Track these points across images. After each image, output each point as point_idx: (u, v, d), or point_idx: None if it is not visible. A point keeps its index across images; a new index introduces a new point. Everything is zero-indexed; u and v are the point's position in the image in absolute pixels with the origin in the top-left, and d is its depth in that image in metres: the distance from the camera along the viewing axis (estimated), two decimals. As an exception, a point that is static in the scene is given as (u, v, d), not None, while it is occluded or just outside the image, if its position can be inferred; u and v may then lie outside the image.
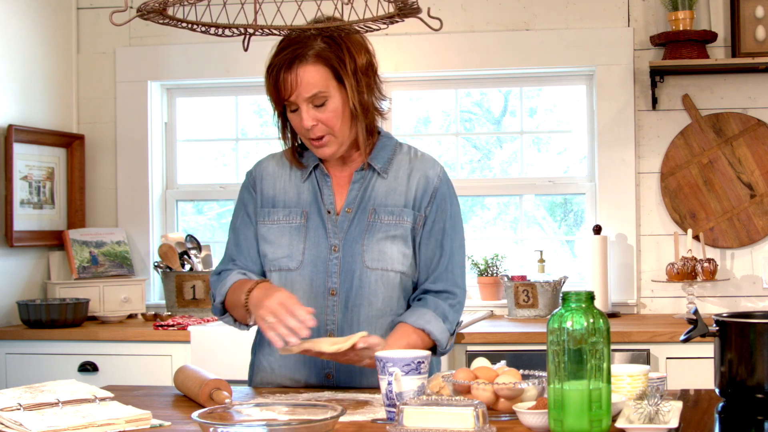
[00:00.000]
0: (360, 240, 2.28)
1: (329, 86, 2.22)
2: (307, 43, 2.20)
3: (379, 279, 2.27)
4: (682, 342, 2.09)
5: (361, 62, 2.25)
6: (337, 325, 2.28)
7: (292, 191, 2.35)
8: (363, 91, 2.25)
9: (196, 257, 4.33)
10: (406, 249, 2.29)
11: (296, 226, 2.31)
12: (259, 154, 4.68)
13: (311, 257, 2.28)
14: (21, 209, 4.17)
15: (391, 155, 2.35)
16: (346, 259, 2.27)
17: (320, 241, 2.29)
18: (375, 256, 2.27)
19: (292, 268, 2.29)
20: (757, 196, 4.11)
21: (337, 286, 2.28)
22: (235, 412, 1.83)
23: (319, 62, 2.21)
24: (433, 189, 2.32)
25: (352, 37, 2.25)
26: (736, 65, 4.02)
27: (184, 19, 2.18)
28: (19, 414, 1.89)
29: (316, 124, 2.23)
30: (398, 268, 2.28)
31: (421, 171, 2.33)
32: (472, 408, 1.74)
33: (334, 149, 2.27)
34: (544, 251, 4.26)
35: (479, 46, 4.31)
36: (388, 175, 2.33)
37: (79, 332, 3.95)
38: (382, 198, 2.31)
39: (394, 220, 2.29)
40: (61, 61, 4.49)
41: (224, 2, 2.27)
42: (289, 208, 2.33)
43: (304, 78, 2.20)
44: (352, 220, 2.29)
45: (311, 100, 2.21)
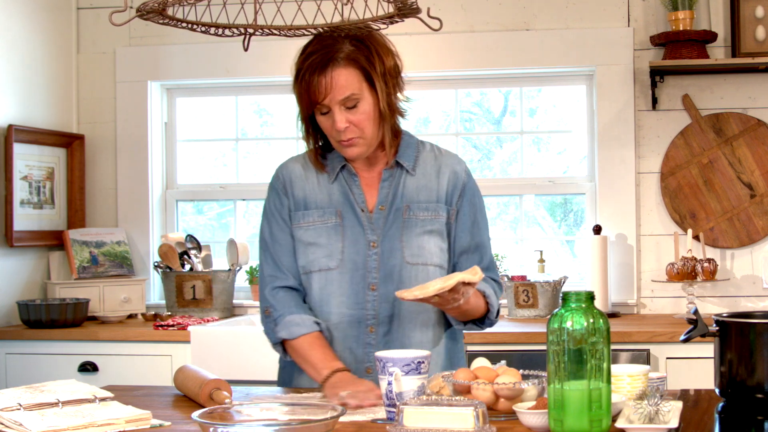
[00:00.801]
0: (398, 236, 2.32)
1: (361, 88, 2.25)
2: (336, 47, 2.24)
3: (419, 273, 2.31)
4: (682, 342, 2.09)
5: (389, 64, 2.29)
6: (378, 319, 2.31)
7: (322, 192, 2.38)
8: (391, 93, 2.29)
9: (196, 257, 4.33)
10: (443, 243, 2.35)
11: (332, 226, 2.34)
12: (259, 154, 4.68)
13: (350, 254, 2.32)
14: (21, 209, 4.17)
15: (416, 153, 2.40)
16: (385, 255, 2.31)
17: (358, 238, 2.33)
18: (415, 252, 2.32)
19: (332, 267, 2.32)
20: (757, 196, 4.11)
21: (377, 281, 2.31)
22: (235, 412, 1.83)
23: (351, 64, 2.24)
24: (462, 184, 2.39)
25: (378, 39, 2.29)
26: (736, 65, 4.02)
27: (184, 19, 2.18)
28: (19, 414, 1.89)
29: (348, 126, 2.26)
30: (437, 261, 2.34)
31: (449, 167, 2.39)
32: (472, 408, 1.74)
33: (362, 150, 2.30)
34: (544, 251, 4.26)
35: (479, 46, 4.31)
36: (416, 172, 2.37)
37: (79, 332, 3.95)
38: (414, 194, 2.36)
39: (430, 215, 2.35)
40: (61, 61, 4.49)
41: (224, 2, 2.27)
42: (322, 209, 2.36)
43: (337, 80, 2.23)
44: (387, 217, 2.34)
45: (344, 102, 2.24)
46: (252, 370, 3.61)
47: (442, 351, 2.39)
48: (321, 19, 2.23)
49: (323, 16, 2.21)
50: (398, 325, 2.31)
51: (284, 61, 2.24)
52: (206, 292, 4.22)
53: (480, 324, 2.37)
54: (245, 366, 3.64)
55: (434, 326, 2.37)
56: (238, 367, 3.65)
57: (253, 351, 3.67)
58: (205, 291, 4.22)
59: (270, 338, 2.38)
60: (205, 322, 3.97)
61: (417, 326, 2.33)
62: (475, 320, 2.36)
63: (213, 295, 4.23)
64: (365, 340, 2.32)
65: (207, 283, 4.23)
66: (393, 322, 2.31)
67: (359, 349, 2.32)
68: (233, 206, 4.66)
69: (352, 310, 2.31)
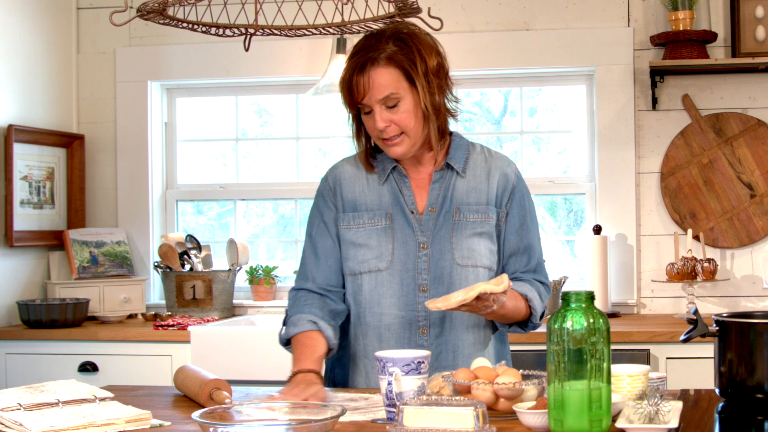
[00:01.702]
0: (448, 238, 2.33)
1: (400, 88, 2.26)
2: (379, 47, 2.26)
3: (470, 275, 2.32)
4: (682, 342, 2.09)
5: (432, 64, 2.30)
6: (429, 321, 2.32)
7: (373, 194, 2.39)
8: (434, 93, 2.30)
9: (196, 257, 4.33)
10: (492, 245, 2.36)
11: (382, 228, 2.35)
12: (259, 154, 4.69)
13: (400, 256, 2.33)
14: (21, 209, 4.17)
15: (466, 155, 2.41)
16: (435, 257, 2.32)
17: (408, 240, 2.34)
18: (465, 254, 2.32)
19: (382, 269, 2.34)
20: (757, 196, 4.11)
21: (428, 282, 2.32)
22: (235, 412, 1.83)
23: (391, 65, 2.26)
24: (512, 186, 2.40)
25: (423, 40, 2.30)
26: (736, 65, 4.02)
27: (185, 19, 2.18)
28: (19, 414, 1.89)
29: (389, 125, 2.28)
30: (486, 263, 2.34)
31: (499, 169, 2.40)
32: (472, 408, 1.74)
33: (405, 149, 2.31)
34: (544, 251, 4.25)
35: (479, 46, 4.31)
36: (466, 174, 2.38)
37: (79, 332, 3.95)
38: (464, 197, 2.36)
39: (480, 217, 2.35)
40: (61, 61, 4.49)
41: (225, 2, 2.27)
42: (372, 211, 2.37)
43: (376, 80, 2.25)
44: (437, 219, 2.34)
45: (384, 101, 2.26)
46: (252, 370, 3.61)
47: (491, 352, 2.40)
48: (321, 19, 2.23)
49: (324, 16, 2.22)
50: (450, 327, 2.33)
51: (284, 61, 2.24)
52: (206, 292, 4.22)
53: (523, 327, 2.38)
54: (245, 366, 3.65)
55: (484, 328, 2.38)
56: (238, 367, 3.65)
57: (253, 351, 3.67)
58: (205, 291, 4.22)
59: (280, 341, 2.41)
60: (205, 322, 3.97)
61: (468, 328, 2.34)
62: (519, 323, 2.37)
63: (213, 295, 4.23)
64: (417, 342, 2.32)
65: (207, 283, 4.23)
66: (445, 324, 2.33)
67: None
68: (233, 206, 4.66)
69: (403, 312, 2.33)
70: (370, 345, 2.35)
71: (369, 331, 2.35)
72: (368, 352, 2.36)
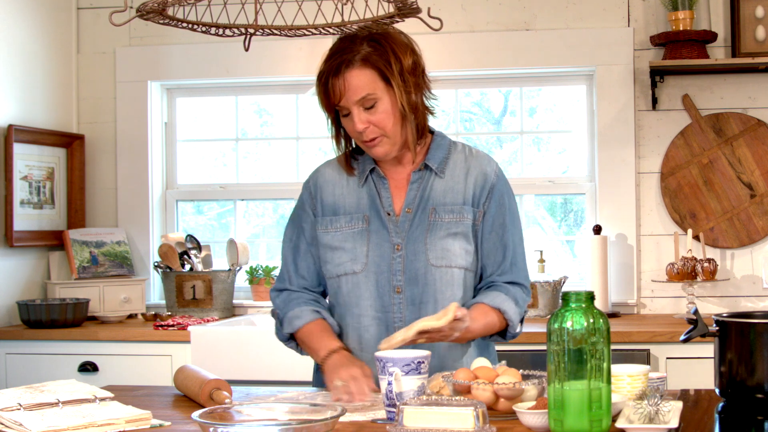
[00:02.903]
0: (423, 239, 2.32)
1: (377, 88, 2.26)
2: (353, 48, 2.26)
3: (444, 276, 2.32)
4: (682, 342, 2.09)
5: (407, 63, 2.29)
6: (405, 322, 2.32)
7: (352, 197, 2.39)
8: (411, 91, 2.29)
9: (196, 257, 4.33)
10: (468, 245, 2.34)
11: (359, 231, 2.36)
12: (259, 154, 4.68)
13: (375, 258, 2.33)
14: (21, 209, 4.17)
15: (447, 154, 2.40)
16: (409, 258, 2.32)
17: (383, 242, 2.34)
18: (439, 254, 2.31)
19: (357, 271, 2.34)
20: (757, 196, 4.11)
21: (402, 283, 2.32)
22: (235, 412, 1.83)
23: (366, 66, 2.25)
24: (490, 185, 2.37)
25: (397, 39, 2.30)
26: (736, 65, 4.02)
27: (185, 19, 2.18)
28: (19, 414, 1.89)
29: (367, 126, 2.27)
30: (461, 264, 2.33)
31: (478, 168, 2.38)
32: (472, 408, 1.74)
33: (387, 149, 2.31)
34: (544, 251, 4.26)
35: (479, 46, 4.31)
36: (445, 174, 2.37)
37: (79, 332, 3.95)
38: (441, 197, 2.35)
39: (455, 218, 2.34)
40: (61, 61, 4.49)
41: (225, 2, 2.27)
42: (350, 214, 2.38)
43: (351, 82, 2.25)
44: (412, 220, 2.34)
45: (361, 103, 2.26)
46: (252, 370, 3.61)
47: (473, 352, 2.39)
48: (321, 19, 2.23)
49: (324, 16, 2.22)
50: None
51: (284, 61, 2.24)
52: (206, 292, 4.22)
53: (502, 336, 2.38)
54: (245, 366, 3.65)
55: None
56: (238, 367, 3.65)
57: (253, 351, 3.67)
58: (205, 291, 4.22)
59: (279, 338, 2.44)
60: (205, 322, 3.97)
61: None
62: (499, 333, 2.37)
63: (213, 295, 4.23)
64: None
65: (207, 283, 4.23)
66: None
67: None
68: (233, 206, 4.66)
69: (380, 313, 2.33)
70: (350, 346, 2.36)
71: (349, 333, 2.37)
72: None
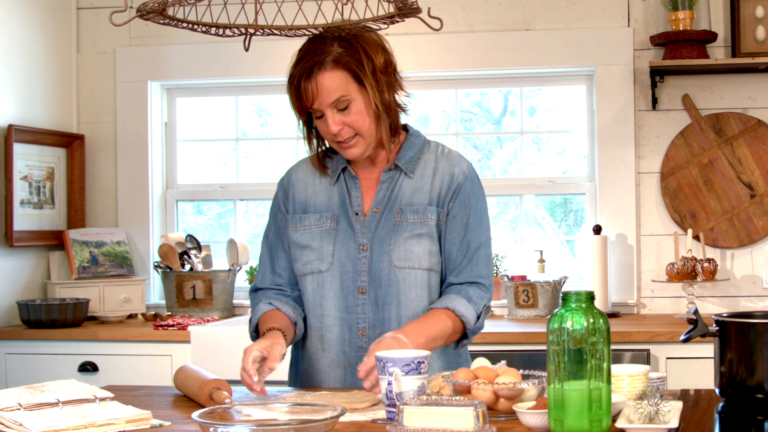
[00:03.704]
0: (387, 239, 2.31)
1: (350, 89, 2.25)
2: (324, 50, 2.24)
3: (408, 277, 2.31)
4: (682, 342, 2.09)
5: (379, 62, 2.28)
6: (369, 323, 2.32)
7: (323, 195, 2.39)
8: (383, 90, 2.28)
9: (196, 257, 4.33)
10: (433, 246, 2.33)
11: (327, 230, 2.35)
12: (259, 154, 4.69)
13: (340, 258, 2.33)
14: (21, 209, 4.17)
15: (419, 154, 2.38)
16: (374, 258, 2.31)
17: (348, 241, 2.33)
18: (402, 255, 2.30)
19: (323, 270, 2.34)
20: (757, 196, 4.11)
21: (366, 284, 2.32)
22: (235, 412, 1.83)
23: (338, 67, 2.24)
24: (456, 185, 2.35)
25: (368, 38, 2.28)
26: (736, 65, 4.02)
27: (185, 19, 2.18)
28: (19, 414, 1.89)
29: (342, 127, 2.26)
30: (425, 265, 2.32)
31: (446, 168, 2.37)
32: (472, 408, 1.74)
33: (361, 149, 2.30)
34: (544, 251, 4.26)
35: (479, 46, 4.31)
36: (414, 174, 2.36)
37: (79, 332, 3.95)
38: (409, 197, 2.34)
39: (419, 218, 2.32)
40: (61, 61, 4.49)
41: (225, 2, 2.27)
42: (320, 213, 2.37)
43: (324, 84, 2.23)
44: (379, 220, 2.33)
45: (335, 105, 2.25)
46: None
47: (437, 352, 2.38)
48: (321, 19, 2.23)
49: (324, 16, 2.21)
50: (389, 329, 2.30)
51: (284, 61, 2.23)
52: (206, 292, 4.22)
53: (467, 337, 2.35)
54: (245, 366, 3.64)
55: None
56: (238, 367, 3.64)
57: (253, 351, 3.66)
58: (205, 291, 4.22)
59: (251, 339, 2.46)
60: (205, 322, 3.97)
61: None
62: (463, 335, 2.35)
63: (213, 295, 4.23)
64: (357, 344, 2.32)
65: (207, 283, 4.23)
66: (384, 326, 2.31)
67: (352, 352, 2.33)
68: (233, 206, 4.66)
69: (344, 314, 2.33)
70: (312, 347, 2.36)
71: (312, 333, 2.37)
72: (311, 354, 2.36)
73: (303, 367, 2.42)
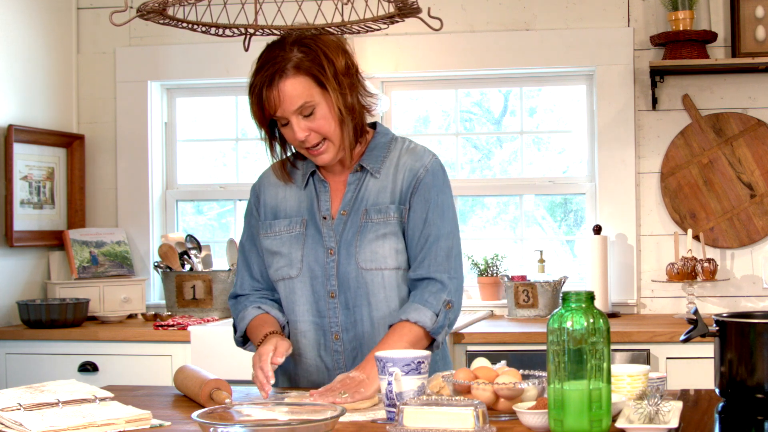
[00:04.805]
0: (353, 242, 2.29)
1: (313, 94, 2.21)
2: (284, 57, 2.20)
3: (375, 279, 2.29)
4: (682, 342, 2.09)
5: (340, 65, 2.24)
6: (341, 327, 2.31)
7: (293, 200, 2.37)
8: (346, 93, 2.24)
9: (196, 257, 4.33)
10: (399, 245, 2.30)
11: (296, 235, 2.34)
12: (259, 154, 4.68)
13: (309, 263, 2.31)
14: (21, 209, 4.17)
15: (385, 153, 2.35)
16: (342, 262, 2.29)
17: (317, 246, 2.31)
18: (368, 257, 2.28)
19: (293, 276, 2.33)
20: (757, 196, 4.11)
21: (336, 288, 2.30)
22: (235, 412, 1.83)
23: (300, 73, 2.20)
24: (417, 180, 2.31)
25: (328, 41, 2.24)
26: (736, 65, 4.02)
27: (185, 19, 2.18)
28: (19, 414, 1.89)
29: (309, 133, 2.23)
30: (392, 265, 2.29)
31: (407, 165, 2.33)
32: (472, 408, 1.74)
33: (332, 154, 2.28)
34: (544, 251, 4.26)
35: (479, 46, 4.31)
36: (380, 174, 2.33)
37: (79, 332, 3.95)
38: (374, 197, 2.32)
39: (382, 218, 2.30)
40: (61, 61, 4.49)
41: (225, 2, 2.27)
42: (290, 218, 2.36)
43: (286, 92, 2.20)
44: (346, 223, 2.31)
45: (299, 111, 2.22)
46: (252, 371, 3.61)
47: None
48: (321, 19, 2.23)
49: (323, 16, 2.21)
50: (362, 331, 2.30)
51: (284, 61, 2.25)
52: (206, 292, 4.22)
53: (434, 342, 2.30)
54: (245, 366, 3.63)
55: None
56: (238, 367, 3.65)
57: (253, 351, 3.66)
58: (205, 291, 4.22)
59: (236, 344, 2.48)
60: (205, 322, 3.97)
61: (381, 331, 2.29)
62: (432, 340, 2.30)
63: (213, 295, 4.23)
64: (332, 348, 2.32)
65: (207, 283, 4.23)
66: (357, 328, 2.30)
67: (328, 356, 2.32)
68: (233, 206, 4.66)
69: (316, 318, 2.32)
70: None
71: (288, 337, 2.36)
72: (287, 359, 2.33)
73: (279, 372, 2.40)
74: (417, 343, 2.23)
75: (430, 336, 2.27)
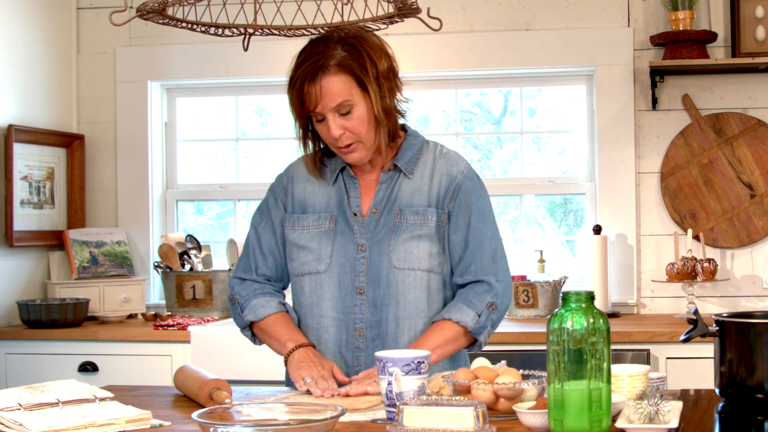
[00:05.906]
0: (387, 240, 2.31)
1: (353, 94, 2.23)
2: (328, 53, 2.22)
3: (407, 278, 2.30)
4: (682, 342, 2.09)
5: (383, 67, 2.26)
6: (366, 323, 2.32)
7: (322, 195, 2.38)
8: (385, 96, 2.27)
9: (196, 257, 4.33)
10: (433, 248, 2.32)
11: (325, 230, 2.34)
12: (259, 154, 4.68)
13: (339, 258, 2.32)
14: (21, 209, 4.17)
15: (417, 155, 2.37)
16: (373, 259, 2.31)
17: (347, 242, 2.32)
18: (402, 256, 2.30)
19: (321, 271, 2.33)
20: (757, 196, 4.11)
21: (365, 284, 2.31)
22: (235, 412, 1.83)
23: (342, 71, 2.22)
24: (456, 186, 2.34)
25: (372, 43, 2.27)
26: (736, 65, 4.02)
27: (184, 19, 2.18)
28: (19, 414, 1.89)
29: (343, 132, 2.25)
30: (424, 266, 2.31)
31: (444, 169, 2.36)
32: (472, 408, 1.74)
33: (362, 155, 2.30)
34: (544, 251, 4.26)
35: (479, 46, 4.31)
36: (413, 175, 2.35)
37: (79, 332, 3.95)
38: (408, 198, 2.34)
39: (419, 219, 2.32)
40: (61, 61, 4.49)
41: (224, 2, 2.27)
42: (318, 213, 2.37)
43: (328, 88, 2.22)
44: (378, 221, 2.33)
45: (337, 109, 2.23)
46: (252, 370, 3.61)
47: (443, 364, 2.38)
48: (321, 19, 2.23)
49: (323, 16, 2.21)
50: (386, 330, 2.31)
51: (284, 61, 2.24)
52: (206, 292, 4.22)
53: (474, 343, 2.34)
54: (245, 366, 3.64)
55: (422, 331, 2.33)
56: (238, 367, 3.65)
57: (253, 351, 3.65)
58: (205, 291, 4.22)
59: (238, 323, 2.44)
60: (205, 322, 3.98)
61: (405, 331, 2.31)
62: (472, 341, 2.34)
63: (213, 295, 4.23)
64: (354, 344, 2.32)
65: (207, 283, 4.23)
66: (381, 327, 2.31)
67: (348, 353, 2.33)
68: (233, 206, 4.66)
69: (341, 314, 2.32)
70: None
71: (308, 333, 2.37)
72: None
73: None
74: (455, 341, 2.28)
75: (470, 336, 2.30)
